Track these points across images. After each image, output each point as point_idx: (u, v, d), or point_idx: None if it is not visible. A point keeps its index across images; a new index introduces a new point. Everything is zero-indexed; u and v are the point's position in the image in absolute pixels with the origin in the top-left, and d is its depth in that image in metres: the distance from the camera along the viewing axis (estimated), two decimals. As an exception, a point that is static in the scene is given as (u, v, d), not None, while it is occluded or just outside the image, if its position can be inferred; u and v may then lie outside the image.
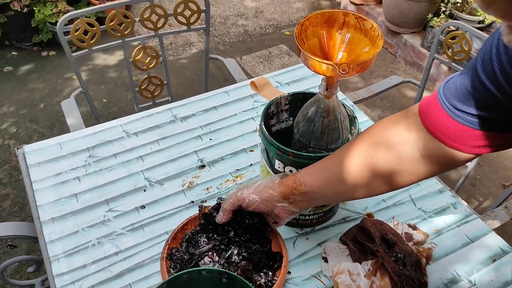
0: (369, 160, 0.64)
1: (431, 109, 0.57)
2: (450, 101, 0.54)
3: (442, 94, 0.56)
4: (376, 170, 0.64)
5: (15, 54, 2.91)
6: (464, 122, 0.53)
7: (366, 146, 0.64)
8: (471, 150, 0.56)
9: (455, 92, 0.54)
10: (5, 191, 2.04)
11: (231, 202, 0.76)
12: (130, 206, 0.95)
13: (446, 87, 0.56)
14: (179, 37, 3.12)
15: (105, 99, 2.58)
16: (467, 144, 0.55)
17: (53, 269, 0.84)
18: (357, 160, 0.65)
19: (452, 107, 0.54)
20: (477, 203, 2.08)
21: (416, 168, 0.62)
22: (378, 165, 0.63)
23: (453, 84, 0.55)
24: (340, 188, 0.68)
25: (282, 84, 1.29)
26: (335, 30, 0.73)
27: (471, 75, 0.51)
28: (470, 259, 0.89)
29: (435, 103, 0.57)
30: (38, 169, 1.02)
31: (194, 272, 0.64)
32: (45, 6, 2.73)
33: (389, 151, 0.62)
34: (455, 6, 2.65)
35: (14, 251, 1.80)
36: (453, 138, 0.56)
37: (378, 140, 0.63)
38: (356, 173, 0.65)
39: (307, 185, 0.69)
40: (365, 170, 0.64)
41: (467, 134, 0.54)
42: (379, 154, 0.63)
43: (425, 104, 0.59)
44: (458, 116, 0.54)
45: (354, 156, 0.65)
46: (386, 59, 3.02)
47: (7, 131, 2.35)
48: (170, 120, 1.16)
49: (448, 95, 0.55)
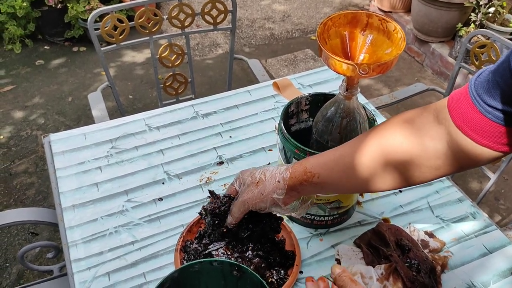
0: (392, 150, 0.61)
1: (461, 103, 0.55)
2: (480, 96, 0.53)
3: (473, 88, 0.54)
4: (397, 161, 0.61)
5: (47, 48, 3.00)
6: (494, 118, 0.52)
7: (391, 135, 0.61)
8: (499, 147, 0.54)
9: (486, 87, 0.52)
10: (30, 180, 2.11)
11: (241, 211, 0.73)
12: (148, 198, 0.97)
13: (478, 81, 0.54)
14: (206, 38, 3.16)
15: (131, 96, 2.63)
16: (496, 141, 0.54)
17: (71, 254, 0.86)
18: (379, 149, 0.61)
19: (483, 102, 0.52)
20: (500, 218, 2.03)
21: (439, 163, 0.59)
22: (400, 155, 0.60)
23: (484, 78, 0.53)
24: (357, 180, 0.65)
25: (304, 86, 1.29)
26: (357, 31, 0.73)
27: (503, 70, 0.49)
28: (487, 270, 0.87)
29: (465, 97, 0.55)
30: (62, 158, 1.05)
31: (206, 262, 0.64)
32: (78, 3, 2.81)
33: (416, 143, 0.60)
34: (486, 16, 2.59)
35: (35, 239, 1.85)
36: (481, 134, 0.54)
37: (404, 130, 0.61)
38: (375, 164, 0.62)
39: (320, 177, 0.66)
40: (385, 160, 0.61)
41: (496, 131, 0.52)
42: (404, 144, 0.60)
43: (454, 97, 0.57)
44: (488, 111, 0.52)
45: (375, 144, 0.62)
46: (413, 68, 2.99)
47: (36, 122, 2.43)
48: (192, 116, 1.18)
49: (479, 90, 0.53)
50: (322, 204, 0.87)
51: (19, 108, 2.52)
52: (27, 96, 2.61)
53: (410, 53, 3.08)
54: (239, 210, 0.73)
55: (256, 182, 0.70)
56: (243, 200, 0.71)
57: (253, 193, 0.70)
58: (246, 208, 0.72)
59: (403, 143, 0.60)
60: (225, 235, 0.79)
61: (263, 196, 0.69)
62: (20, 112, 2.50)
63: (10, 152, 2.25)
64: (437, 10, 2.72)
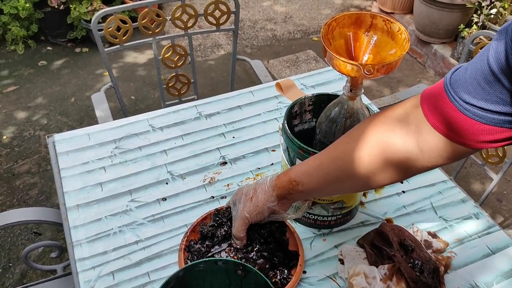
0: (384, 148, 0.60)
1: (437, 101, 0.54)
2: (458, 94, 0.51)
3: (449, 86, 0.53)
4: (391, 158, 0.60)
5: (50, 49, 3.01)
6: (473, 116, 0.51)
7: (380, 132, 0.60)
8: (475, 144, 0.54)
9: (464, 85, 0.51)
10: (33, 180, 2.11)
11: (242, 229, 0.78)
12: (152, 198, 0.98)
13: (453, 79, 0.53)
14: (208, 39, 3.17)
15: (133, 96, 2.64)
16: (472, 139, 0.53)
17: (75, 253, 0.87)
18: (368, 150, 0.61)
19: (461, 99, 0.51)
20: (502, 219, 2.03)
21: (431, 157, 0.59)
22: (394, 151, 0.60)
23: (461, 76, 0.52)
24: (339, 185, 0.67)
25: (307, 86, 1.30)
26: (362, 32, 0.73)
27: (482, 68, 0.49)
28: (491, 271, 0.87)
29: (440, 96, 0.54)
30: (66, 158, 1.06)
31: (210, 262, 0.65)
32: (81, 4, 2.82)
33: (409, 135, 0.58)
34: (488, 17, 2.60)
35: (38, 238, 1.85)
36: (458, 132, 0.53)
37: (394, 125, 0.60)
38: (366, 164, 0.62)
39: (304, 185, 0.69)
40: (378, 158, 0.61)
41: (476, 129, 0.52)
42: (396, 139, 0.59)
43: (428, 96, 0.56)
44: (467, 109, 0.51)
45: (364, 144, 0.61)
46: (415, 69, 2.99)
47: (39, 123, 2.43)
48: (195, 117, 1.19)
49: (456, 88, 0.52)
50: (325, 204, 0.87)
51: (22, 109, 2.53)
52: (30, 96, 2.61)
53: (412, 54, 3.09)
54: (241, 227, 0.77)
55: (250, 197, 0.76)
56: (242, 216, 0.76)
57: (249, 207, 0.75)
58: (247, 223, 0.77)
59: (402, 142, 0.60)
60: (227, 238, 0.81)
61: (258, 207, 0.75)
62: (23, 112, 2.50)
63: (13, 153, 2.26)
64: (439, 11, 2.72)
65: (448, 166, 2.23)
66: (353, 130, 0.66)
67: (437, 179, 1.05)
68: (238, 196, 0.79)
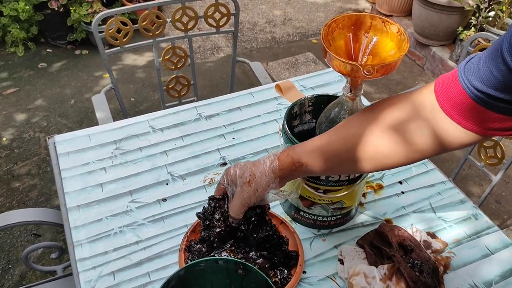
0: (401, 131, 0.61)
1: (450, 88, 0.55)
2: (471, 82, 0.53)
3: (463, 74, 0.54)
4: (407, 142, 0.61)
5: (49, 52, 3.01)
6: (483, 103, 0.52)
7: (396, 117, 0.61)
8: (484, 132, 0.55)
9: (477, 73, 0.52)
10: (33, 181, 2.12)
11: (241, 212, 0.75)
12: (152, 198, 0.98)
13: (467, 67, 0.54)
14: (208, 41, 3.17)
15: (133, 98, 2.64)
16: (482, 126, 0.54)
17: (76, 253, 0.87)
18: (385, 133, 0.62)
19: (473, 87, 0.53)
20: (501, 220, 2.04)
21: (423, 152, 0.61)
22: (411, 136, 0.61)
23: (475, 64, 0.53)
24: (349, 166, 0.67)
25: (306, 88, 1.30)
26: (361, 33, 0.74)
27: (495, 57, 0.50)
28: (489, 271, 0.87)
29: (454, 83, 0.55)
30: (67, 158, 1.06)
31: (211, 261, 0.65)
32: (81, 6, 2.83)
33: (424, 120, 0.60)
34: (486, 20, 2.61)
35: (37, 240, 1.85)
36: (469, 118, 0.55)
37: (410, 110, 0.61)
38: (382, 147, 0.62)
39: (308, 165, 0.68)
40: (394, 143, 0.61)
41: (484, 116, 0.53)
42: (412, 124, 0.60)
43: (442, 83, 0.57)
44: (477, 97, 0.52)
45: (380, 128, 0.62)
46: (414, 71, 3.00)
47: (38, 125, 2.44)
48: (195, 118, 1.19)
49: (469, 76, 0.53)
50: (325, 204, 0.87)
51: (21, 111, 2.53)
52: (30, 98, 2.62)
53: (411, 57, 3.10)
54: (240, 211, 0.75)
55: (247, 181, 0.72)
56: (241, 201, 0.74)
57: (249, 192, 0.73)
58: (246, 207, 0.75)
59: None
60: (224, 237, 0.80)
61: (258, 192, 0.72)
62: (23, 114, 2.51)
63: (12, 154, 2.26)
64: (438, 14, 2.74)
65: (447, 167, 2.24)
66: (366, 112, 0.65)
67: (436, 180, 1.05)
68: (230, 176, 0.75)
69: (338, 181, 0.82)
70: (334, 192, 0.84)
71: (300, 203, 0.90)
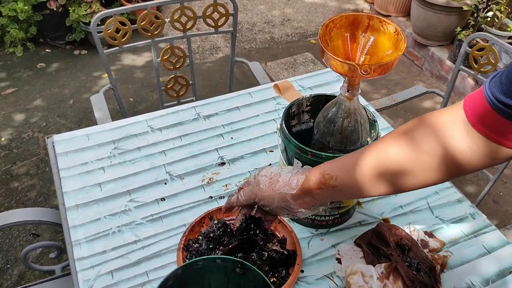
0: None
1: (476, 103, 0.57)
2: (495, 95, 0.54)
3: (488, 88, 0.55)
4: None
5: (48, 52, 3.01)
6: (506, 116, 0.53)
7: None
8: (510, 144, 0.56)
9: (500, 86, 0.54)
10: (31, 181, 2.12)
11: (247, 200, 0.75)
12: (151, 198, 0.98)
13: (493, 82, 0.56)
14: (207, 41, 3.18)
15: (132, 98, 2.64)
16: (507, 138, 0.55)
17: (74, 253, 0.87)
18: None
19: (497, 101, 0.54)
20: (499, 220, 2.04)
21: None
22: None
23: (498, 78, 0.55)
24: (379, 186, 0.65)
25: (305, 88, 1.31)
26: (359, 33, 0.74)
27: None
28: (486, 270, 0.88)
29: (480, 97, 0.56)
30: (65, 158, 1.06)
31: (209, 260, 0.65)
32: (80, 7, 2.83)
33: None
34: (484, 20, 2.61)
35: (36, 240, 1.85)
36: (495, 131, 0.56)
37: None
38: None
39: (338, 179, 0.66)
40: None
41: (509, 128, 0.54)
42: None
43: (470, 98, 0.59)
44: (501, 110, 0.53)
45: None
46: (412, 71, 3.00)
47: (37, 125, 2.44)
48: (194, 118, 1.19)
49: (493, 90, 0.55)
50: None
51: (20, 111, 2.53)
52: (29, 99, 2.62)
53: (410, 57, 3.10)
54: (245, 199, 0.75)
55: (270, 177, 0.72)
56: (253, 191, 0.73)
57: (265, 185, 0.72)
58: (253, 199, 0.74)
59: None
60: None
61: (273, 191, 0.71)
62: (22, 114, 2.51)
63: (11, 154, 2.26)
64: (436, 14, 2.74)
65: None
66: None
67: (433, 179, 1.05)
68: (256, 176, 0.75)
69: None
70: (331, 192, 0.84)
71: (298, 203, 0.90)
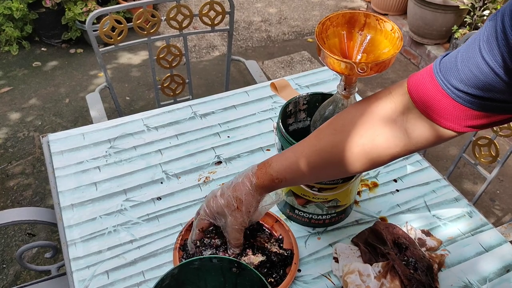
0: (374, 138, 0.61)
1: (425, 87, 0.55)
2: (449, 81, 0.52)
3: (440, 74, 0.54)
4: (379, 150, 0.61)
5: (44, 50, 3.00)
6: (464, 103, 0.52)
7: (368, 122, 0.61)
8: (462, 129, 0.55)
9: (456, 72, 0.52)
10: (27, 181, 2.10)
11: (241, 238, 0.76)
12: (147, 197, 0.98)
13: (443, 66, 0.54)
14: (203, 40, 3.17)
15: (128, 97, 2.63)
16: (460, 124, 0.54)
17: (70, 253, 0.86)
18: (358, 142, 0.61)
19: (452, 86, 0.52)
20: (495, 219, 2.05)
21: (398, 150, 0.61)
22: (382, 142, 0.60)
23: (452, 63, 0.53)
24: (326, 174, 0.68)
25: (302, 86, 1.30)
26: (355, 31, 0.74)
27: (474, 56, 0.49)
28: (484, 268, 0.88)
29: (431, 83, 0.55)
30: (61, 157, 1.05)
31: (205, 259, 0.65)
32: (75, 5, 2.81)
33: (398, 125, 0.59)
34: (481, 19, 2.62)
35: (32, 240, 1.84)
36: (447, 117, 0.54)
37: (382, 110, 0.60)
38: (355, 155, 0.62)
39: (288, 180, 0.69)
40: (366, 150, 0.61)
41: (465, 114, 0.53)
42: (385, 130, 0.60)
43: (417, 82, 0.56)
44: (458, 96, 0.52)
45: (352, 136, 0.62)
46: (409, 70, 3.00)
47: (33, 124, 2.42)
48: (190, 116, 1.19)
49: (447, 74, 0.53)
50: (319, 203, 0.87)
51: (15, 110, 2.52)
52: (24, 97, 2.60)
53: (406, 55, 3.10)
54: (240, 237, 0.76)
55: (236, 207, 0.73)
56: (238, 228, 0.74)
57: (242, 216, 0.73)
58: (243, 231, 0.75)
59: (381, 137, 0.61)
60: None
61: (251, 212, 0.73)
62: (17, 113, 2.49)
63: (7, 154, 2.25)
64: (433, 12, 2.74)
65: (442, 165, 2.25)
66: (337, 120, 0.65)
67: (430, 178, 1.05)
68: (214, 209, 0.75)
69: (332, 179, 0.82)
70: (328, 190, 0.84)
71: (295, 202, 0.90)
